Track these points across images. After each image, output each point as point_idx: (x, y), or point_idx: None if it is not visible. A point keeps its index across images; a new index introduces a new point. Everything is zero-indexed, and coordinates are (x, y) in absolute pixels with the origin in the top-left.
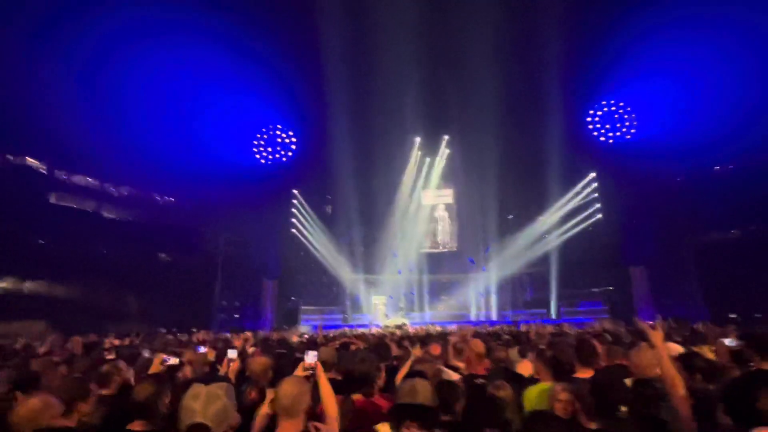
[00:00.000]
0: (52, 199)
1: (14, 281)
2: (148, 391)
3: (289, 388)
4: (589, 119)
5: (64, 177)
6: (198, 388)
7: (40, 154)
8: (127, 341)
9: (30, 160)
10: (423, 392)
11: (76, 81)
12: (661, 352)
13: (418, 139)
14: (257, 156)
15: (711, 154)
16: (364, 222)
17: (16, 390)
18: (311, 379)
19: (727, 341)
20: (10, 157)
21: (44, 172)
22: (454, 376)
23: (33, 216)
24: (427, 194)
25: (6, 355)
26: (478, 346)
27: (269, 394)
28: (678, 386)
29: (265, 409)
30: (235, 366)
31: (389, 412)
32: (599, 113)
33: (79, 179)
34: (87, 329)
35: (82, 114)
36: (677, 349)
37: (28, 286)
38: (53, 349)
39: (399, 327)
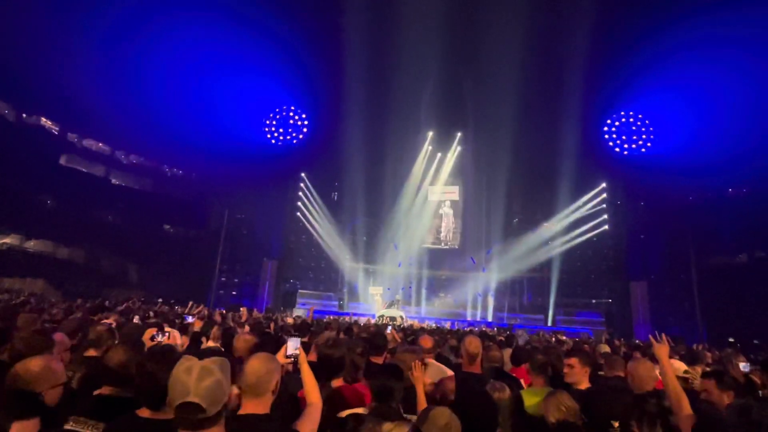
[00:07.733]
0: (63, 161)
1: (19, 238)
2: (120, 357)
3: (256, 364)
4: (605, 128)
5: (76, 140)
6: (190, 361)
7: (55, 115)
8: (123, 306)
9: (44, 121)
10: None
11: (96, 48)
12: (665, 368)
13: (430, 134)
14: (268, 136)
15: (726, 176)
16: (369, 212)
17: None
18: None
19: (742, 365)
20: (25, 116)
21: (56, 133)
22: (448, 372)
23: (42, 176)
24: (433, 190)
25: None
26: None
27: None
28: (684, 404)
29: (235, 390)
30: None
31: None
32: (617, 123)
33: (90, 143)
34: (86, 292)
35: (99, 80)
36: (681, 366)
37: (32, 244)
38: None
39: (393, 319)
